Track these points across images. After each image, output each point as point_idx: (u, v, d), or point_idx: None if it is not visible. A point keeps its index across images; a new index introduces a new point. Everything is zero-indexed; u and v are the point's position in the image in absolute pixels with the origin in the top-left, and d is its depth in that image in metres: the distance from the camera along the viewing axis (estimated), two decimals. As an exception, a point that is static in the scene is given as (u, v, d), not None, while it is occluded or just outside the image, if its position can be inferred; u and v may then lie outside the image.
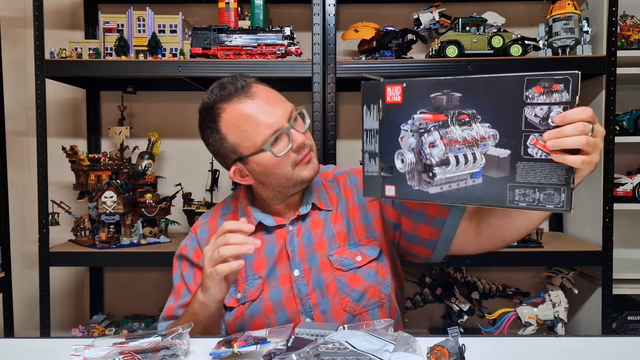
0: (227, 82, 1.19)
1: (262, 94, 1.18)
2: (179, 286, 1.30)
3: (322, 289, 1.23)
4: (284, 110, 1.18)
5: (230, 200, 1.39)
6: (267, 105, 1.17)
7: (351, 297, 1.22)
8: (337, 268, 1.24)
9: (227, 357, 0.93)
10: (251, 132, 1.16)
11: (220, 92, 1.18)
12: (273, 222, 1.27)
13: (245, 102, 1.16)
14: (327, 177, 1.37)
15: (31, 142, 2.12)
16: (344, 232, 1.27)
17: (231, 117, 1.17)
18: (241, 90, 1.17)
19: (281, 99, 1.20)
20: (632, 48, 2.07)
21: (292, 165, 1.19)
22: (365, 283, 1.24)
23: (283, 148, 1.17)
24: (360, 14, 2.24)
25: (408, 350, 0.93)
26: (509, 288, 2.11)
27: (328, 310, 1.22)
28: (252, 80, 1.22)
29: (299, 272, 1.24)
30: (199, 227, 1.35)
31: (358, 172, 1.34)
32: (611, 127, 1.87)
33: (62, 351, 0.99)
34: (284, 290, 1.23)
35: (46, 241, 1.91)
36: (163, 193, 2.16)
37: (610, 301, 1.89)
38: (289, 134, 1.16)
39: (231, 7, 1.97)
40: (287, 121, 1.17)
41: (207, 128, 1.21)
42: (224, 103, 1.17)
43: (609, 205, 1.89)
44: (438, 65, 1.88)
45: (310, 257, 1.25)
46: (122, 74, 1.92)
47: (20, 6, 2.30)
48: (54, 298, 2.06)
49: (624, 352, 1.02)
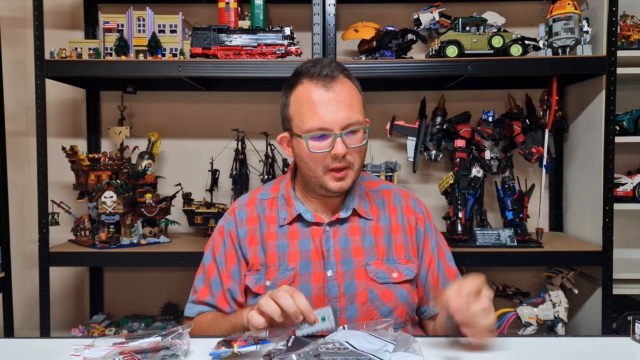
0: (321, 62, 1.24)
1: (340, 91, 1.20)
2: (209, 268, 1.32)
3: (353, 295, 1.24)
4: (346, 118, 1.19)
5: (269, 187, 1.40)
6: (334, 103, 1.19)
7: (380, 311, 1.24)
8: (372, 279, 1.25)
9: (227, 357, 0.93)
10: (305, 115, 1.20)
11: (311, 67, 1.23)
12: (312, 217, 1.29)
13: (319, 89, 1.20)
14: (371, 186, 1.39)
15: (31, 142, 2.11)
16: (384, 247, 1.29)
17: (301, 93, 1.22)
18: (325, 77, 1.21)
19: (353, 107, 1.21)
20: (632, 48, 2.07)
21: (324, 169, 1.21)
22: (396, 301, 1.26)
23: (320, 148, 1.19)
24: (360, 14, 2.24)
25: (408, 350, 0.93)
26: (509, 288, 2.11)
27: (354, 318, 1.23)
28: (343, 74, 1.24)
29: (332, 273, 1.24)
30: (237, 209, 1.36)
31: (404, 193, 1.39)
32: (611, 127, 1.87)
33: (62, 351, 0.99)
34: (315, 288, 1.24)
35: (46, 241, 1.91)
36: (163, 193, 2.17)
37: (610, 301, 1.89)
38: (334, 140, 1.18)
39: (231, 7, 1.97)
40: (341, 129, 1.18)
41: (285, 88, 1.28)
42: (304, 78, 1.23)
43: (609, 205, 1.89)
44: (438, 65, 1.88)
45: (345, 261, 1.26)
46: (122, 74, 1.91)
47: (20, 6, 2.30)
48: (54, 298, 2.06)
49: (624, 352, 1.02)
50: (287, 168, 2.11)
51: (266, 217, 1.32)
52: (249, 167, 2.21)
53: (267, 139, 2.16)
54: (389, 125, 2.08)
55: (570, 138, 2.21)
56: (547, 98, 2.01)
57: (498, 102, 2.28)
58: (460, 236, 1.97)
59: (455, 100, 2.24)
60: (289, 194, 1.33)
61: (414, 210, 1.36)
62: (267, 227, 1.30)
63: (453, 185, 2.03)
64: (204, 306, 1.30)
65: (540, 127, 2.03)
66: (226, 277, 1.29)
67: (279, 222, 1.30)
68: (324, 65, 1.22)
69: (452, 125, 2.06)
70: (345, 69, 1.26)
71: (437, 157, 2.08)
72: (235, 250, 1.31)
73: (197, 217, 2.08)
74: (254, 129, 2.20)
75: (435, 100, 2.17)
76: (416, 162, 2.11)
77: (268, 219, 1.31)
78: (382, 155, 2.27)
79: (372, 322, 1.03)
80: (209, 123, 2.34)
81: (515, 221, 2.01)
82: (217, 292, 1.29)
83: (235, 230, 1.32)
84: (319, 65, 1.22)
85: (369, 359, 0.86)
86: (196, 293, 1.32)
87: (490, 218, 2.18)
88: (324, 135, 1.19)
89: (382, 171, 2.12)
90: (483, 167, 2.02)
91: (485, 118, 2.02)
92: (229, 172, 2.21)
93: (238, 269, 1.30)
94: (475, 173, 2.02)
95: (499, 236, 1.96)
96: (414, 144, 2.09)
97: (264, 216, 1.32)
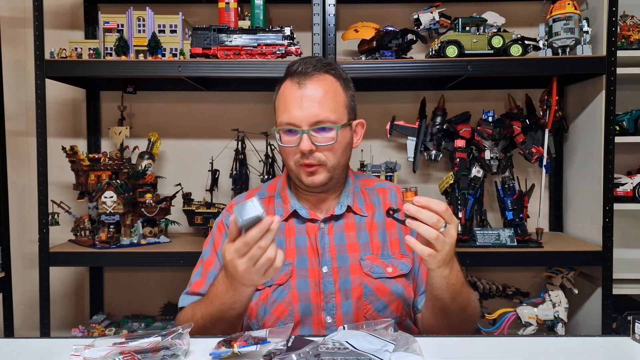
0: (306, 60, 1.26)
1: (312, 88, 1.22)
2: (208, 262, 1.33)
3: (348, 291, 1.24)
4: (313, 115, 1.20)
5: (266, 186, 1.42)
6: (305, 100, 1.21)
7: (374, 306, 1.24)
8: (367, 273, 1.26)
9: (227, 357, 0.93)
10: (279, 110, 1.26)
11: (295, 64, 1.26)
12: (307, 214, 1.30)
13: (293, 86, 1.23)
14: (367, 184, 1.40)
15: (31, 142, 2.11)
16: (379, 242, 1.29)
17: (282, 89, 1.28)
18: (300, 73, 1.24)
19: (325, 105, 1.21)
20: (632, 48, 2.07)
21: (296, 164, 1.24)
22: (392, 296, 1.26)
23: (289, 142, 1.23)
24: (360, 14, 2.24)
25: (408, 350, 0.93)
26: (509, 288, 2.11)
27: (350, 314, 1.23)
28: (325, 71, 1.25)
29: (327, 269, 1.25)
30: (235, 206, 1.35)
31: (399, 190, 1.39)
32: (611, 127, 1.87)
33: (62, 351, 0.99)
34: (311, 283, 1.25)
35: (46, 241, 1.91)
36: (163, 193, 2.16)
37: (610, 301, 1.89)
38: (301, 136, 1.19)
39: (231, 7, 1.97)
40: (308, 125, 1.20)
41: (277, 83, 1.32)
42: (288, 74, 1.28)
43: (609, 205, 1.89)
44: (438, 65, 1.88)
45: (340, 257, 1.26)
46: (122, 74, 1.91)
47: (20, 6, 2.30)
48: (54, 298, 2.06)
49: (624, 352, 1.02)
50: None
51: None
52: (249, 167, 2.21)
53: (267, 139, 2.16)
54: (389, 125, 2.08)
55: (570, 138, 2.21)
56: (547, 98, 2.01)
57: (498, 102, 2.28)
58: (460, 236, 1.97)
59: (455, 100, 2.24)
60: (285, 191, 1.35)
61: None
62: None
63: (453, 185, 2.03)
64: (197, 296, 1.29)
65: (540, 127, 2.03)
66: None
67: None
68: (306, 62, 1.25)
69: (452, 125, 2.06)
70: (331, 67, 1.26)
71: (437, 157, 2.08)
72: None
73: (197, 217, 2.08)
74: (254, 129, 2.20)
75: (435, 100, 2.17)
76: (416, 162, 2.11)
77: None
78: (382, 155, 2.27)
79: (372, 322, 1.03)
80: (209, 123, 2.34)
81: (515, 221, 2.01)
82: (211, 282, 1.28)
83: None
84: (302, 62, 1.25)
85: (369, 359, 0.86)
86: (190, 285, 1.33)
87: (490, 218, 2.18)
88: (291, 130, 1.22)
89: (382, 171, 2.12)
90: (483, 167, 2.02)
91: (485, 118, 2.02)
92: (229, 172, 2.21)
93: None
94: (475, 173, 2.02)
95: (499, 236, 1.96)
96: (414, 144, 2.09)
97: None
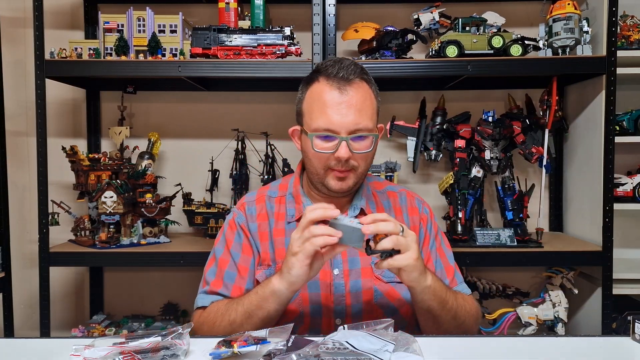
0: (341, 63, 1.22)
1: (353, 95, 1.19)
2: (222, 261, 1.31)
3: (358, 293, 1.24)
4: (354, 123, 1.18)
5: (277, 185, 1.41)
6: (345, 107, 1.18)
7: (384, 310, 1.24)
8: (378, 277, 1.26)
9: (227, 357, 0.93)
10: (315, 114, 1.20)
11: (330, 66, 1.22)
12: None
13: (333, 91, 1.19)
14: (377, 187, 1.40)
15: (31, 142, 2.11)
16: None
17: (315, 91, 1.23)
18: (340, 78, 1.20)
19: (364, 113, 1.20)
20: (632, 48, 2.07)
21: (325, 168, 1.22)
22: (402, 300, 1.26)
23: (325, 148, 1.20)
24: (360, 14, 2.24)
25: (408, 350, 0.93)
26: (509, 288, 2.11)
27: (360, 316, 1.23)
28: (361, 78, 1.22)
29: (338, 271, 1.25)
30: (246, 204, 1.36)
31: (409, 194, 1.40)
32: (611, 127, 1.87)
33: (62, 351, 0.99)
34: (322, 285, 1.25)
35: (46, 241, 1.91)
36: (163, 193, 2.16)
37: (610, 301, 1.89)
38: (339, 143, 1.18)
39: (231, 7, 1.97)
40: (348, 133, 1.18)
41: (303, 82, 1.29)
42: (322, 76, 1.22)
43: (609, 205, 1.89)
44: (438, 65, 1.88)
45: (352, 260, 1.26)
46: (122, 74, 1.91)
47: (20, 6, 2.30)
48: (54, 298, 2.06)
49: (624, 352, 1.02)
50: (287, 168, 2.12)
51: (275, 214, 1.33)
52: (249, 167, 2.21)
53: (267, 139, 2.16)
54: (389, 125, 2.08)
55: (570, 138, 2.21)
56: (547, 98, 2.01)
57: (498, 102, 2.28)
58: (460, 236, 1.97)
59: (455, 100, 2.24)
60: (298, 191, 1.34)
61: (418, 211, 1.37)
62: (275, 223, 1.32)
63: (453, 185, 2.03)
64: (217, 296, 1.29)
65: (540, 127, 2.03)
66: (244, 268, 1.29)
67: (287, 219, 1.31)
68: (342, 66, 1.21)
69: (452, 125, 2.06)
70: (366, 73, 1.25)
71: (437, 157, 2.08)
72: (250, 243, 1.31)
73: (197, 217, 2.08)
74: (254, 129, 2.20)
75: (435, 100, 2.17)
76: (416, 162, 2.12)
77: (277, 216, 1.33)
78: (382, 155, 2.27)
79: (372, 322, 1.03)
80: (209, 123, 2.34)
81: (515, 221, 2.01)
82: (230, 284, 1.29)
83: (247, 225, 1.33)
84: (338, 66, 1.21)
85: (369, 359, 0.86)
86: (208, 284, 1.30)
87: (490, 218, 2.18)
88: (329, 136, 1.19)
89: (382, 171, 2.12)
90: (483, 167, 2.02)
91: (485, 118, 2.02)
92: (229, 172, 2.21)
93: (253, 261, 1.31)
94: (475, 173, 2.02)
95: (499, 236, 1.96)
96: (414, 144, 2.10)
97: (273, 213, 1.33)
